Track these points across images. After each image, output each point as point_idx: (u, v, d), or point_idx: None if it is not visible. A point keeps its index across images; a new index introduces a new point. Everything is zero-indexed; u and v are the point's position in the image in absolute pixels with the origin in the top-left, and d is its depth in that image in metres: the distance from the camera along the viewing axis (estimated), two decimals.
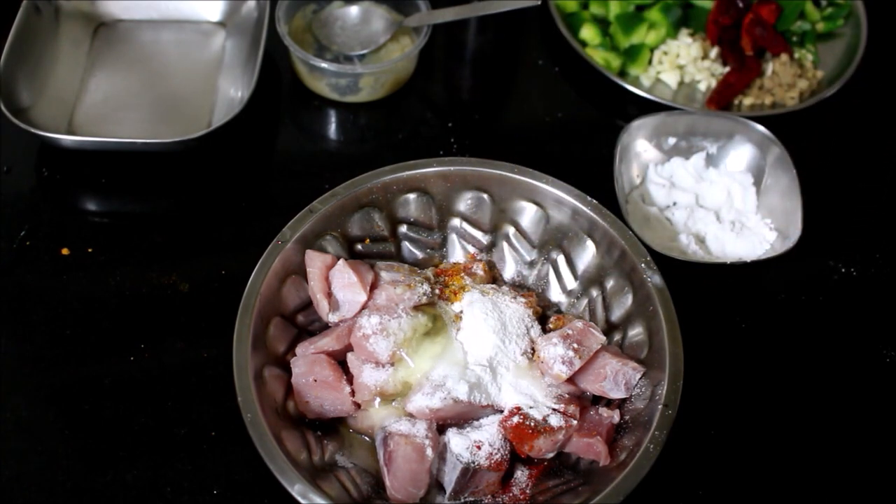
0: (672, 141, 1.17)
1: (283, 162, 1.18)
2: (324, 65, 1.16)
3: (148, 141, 1.08)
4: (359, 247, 0.98)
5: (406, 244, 1.01)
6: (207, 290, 1.02)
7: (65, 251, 1.05)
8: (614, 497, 0.77)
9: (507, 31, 1.34)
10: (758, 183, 1.14)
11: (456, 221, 1.01)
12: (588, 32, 1.29)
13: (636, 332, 0.91)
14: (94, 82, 1.20)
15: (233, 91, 1.19)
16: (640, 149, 1.16)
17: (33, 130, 1.06)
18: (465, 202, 0.99)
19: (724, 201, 1.13)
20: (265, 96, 1.18)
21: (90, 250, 1.05)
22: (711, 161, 1.17)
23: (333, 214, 0.94)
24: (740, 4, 1.28)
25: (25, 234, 1.06)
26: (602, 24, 1.31)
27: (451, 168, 0.97)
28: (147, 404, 0.93)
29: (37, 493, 0.88)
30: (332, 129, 1.22)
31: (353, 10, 1.27)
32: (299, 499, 0.76)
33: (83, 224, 1.09)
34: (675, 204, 1.13)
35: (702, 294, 1.05)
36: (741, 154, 1.16)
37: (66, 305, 1.00)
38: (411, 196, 0.98)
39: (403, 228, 1.00)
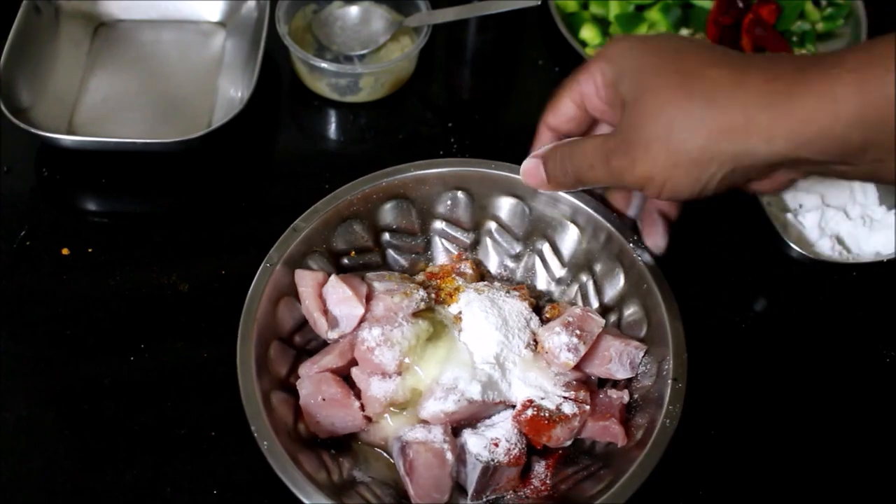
0: None
1: (283, 162, 1.18)
2: (324, 65, 1.16)
3: (148, 141, 1.08)
4: (345, 260, 0.96)
5: (390, 252, 1.00)
6: (207, 291, 1.02)
7: (65, 251, 1.05)
8: (639, 476, 0.77)
9: (507, 31, 1.34)
10: None
11: (438, 223, 1.00)
12: (588, 32, 1.28)
13: (632, 311, 0.91)
14: (94, 82, 1.20)
15: (233, 91, 1.19)
16: None
17: (33, 130, 1.05)
18: (444, 203, 0.98)
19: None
20: (265, 96, 1.18)
21: (90, 250, 1.05)
22: None
23: (317, 231, 0.92)
24: (740, 4, 1.28)
25: (25, 234, 1.06)
26: (602, 24, 1.31)
27: (429, 171, 0.96)
28: (147, 404, 0.93)
29: (37, 493, 0.87)
30: (332, 129, 1.22)
31: (353, 10, 1.27)
32: None
33: (83, 224, 1.09)
34: None
35: (703, 294, 1.05)
36: None
37: (66, 305, 1.00)
38: (391, 203, 0.97)
39: (387, 236, 0.99)
